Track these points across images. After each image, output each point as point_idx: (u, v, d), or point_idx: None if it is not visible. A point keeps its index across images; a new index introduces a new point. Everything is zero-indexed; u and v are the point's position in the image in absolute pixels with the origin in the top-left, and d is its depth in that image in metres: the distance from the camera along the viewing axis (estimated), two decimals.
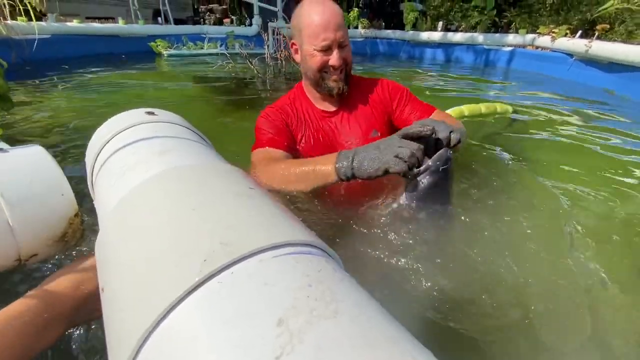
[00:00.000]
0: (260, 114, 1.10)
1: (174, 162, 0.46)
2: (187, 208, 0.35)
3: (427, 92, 3.18)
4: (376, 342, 0.22)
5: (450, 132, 0.74)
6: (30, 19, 4.27)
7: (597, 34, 3.79)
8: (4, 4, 3.99)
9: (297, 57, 1.06)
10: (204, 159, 0.49)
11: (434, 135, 0.73)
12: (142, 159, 0.49)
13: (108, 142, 0.58)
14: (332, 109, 1.10)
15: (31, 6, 4.26)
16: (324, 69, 0.99)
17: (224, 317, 0.23)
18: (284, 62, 4.27)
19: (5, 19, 4.11)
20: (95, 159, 0.58)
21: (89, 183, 0.61)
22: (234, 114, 2.34)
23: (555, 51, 4.25)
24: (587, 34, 5.30)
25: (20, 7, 4.15)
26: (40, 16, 5.00)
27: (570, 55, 3.95)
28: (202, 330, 0.23)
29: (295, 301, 0.24)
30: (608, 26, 3.84)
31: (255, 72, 3.89)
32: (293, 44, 1.05)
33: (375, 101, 1.13)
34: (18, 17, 4.31)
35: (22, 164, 0.63)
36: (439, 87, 3.51)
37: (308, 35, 0.95)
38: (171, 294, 0.25)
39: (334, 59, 0.96)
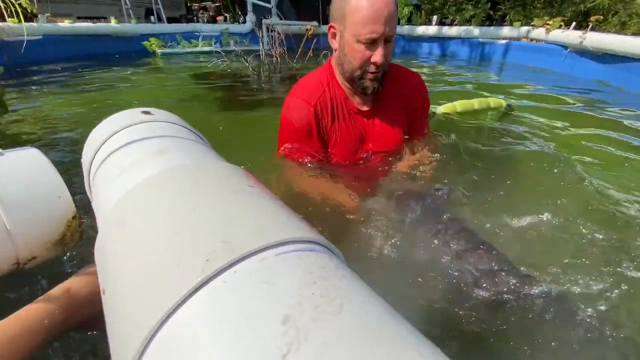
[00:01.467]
0: (287, 103, 1.00)
1: (171, 161, 0.46)
2: (187, 207, 0.34)
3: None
4: (382, 337, 0.22)
5: None
6: (21, 20, 4.21)
7: (590, 25, 3.79)
8: None
9: (334, 43, 0.94)
10: (203, 158, 0.49)
11: None
12: (140, 159, 0.48)
13: (104, 143, 0.58)
14: (366, 107, 1.02)
15: (21, 7, 4.21)
16: (364, 65, 0.88)
17: (228, 316, 0.23)
18: (279, 59, 4.24)
19: None
20: (92, 161, 0.57)
21: (85, 185, 0.60)
22: (230, 111, 2.33)
23: (550, 43, 4.25)
24: (581, 26, 5.31)
25: (12, 9, 4.10)
26: (31, 17, 4.94)
27: (565, 47, 3.96)
28: (207, 329, 0.23)
29: (300, 298, 0.24)
30: (602, 17, 3.84)
31: (251, 69, 3.87)
32: (332, 26, 0.92)
33: (409, 104, 1.06)
34: (9, 19, 4.25)
35: (18, 167, 0.62)
36: (434, 81, 3.51)
37: (354, 24, 0.82)
38: (175, 294, 0.25)
39: (378, 55, 0.85)
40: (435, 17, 5.85)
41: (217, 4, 8.62)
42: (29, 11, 4.59)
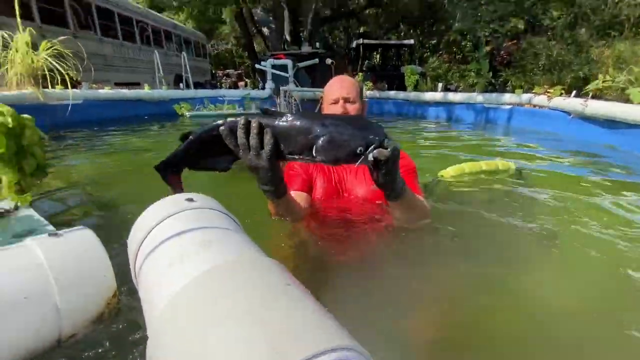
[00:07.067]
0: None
1: (218, 257, 0.52)
2: (236, 313, 0.39)
3: (431, 150, 3.31)
4: None
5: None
6: (66, 87, 4.73)
7: (591, 94, 3.99)
8: (45, 75, 4.46)
9: (322, 112, 1.30)
10: (245, 252, 0.55)
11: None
12: (187, 252, 0.54)
13: (150, 232, 0.64)
14: None
15: (69, 77, 4.75)
16: None
17: None
18: None
19: (44, 87, 4.54)
20: (138, 251, 0.63)
21: (132, 273, 0.66)
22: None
23: (552, 109, 4.44)
24: (581, 90, 5.56)
25: (58, 77, 4.64)
26: (75, 84, 5.54)
27: (568, 112, 4.12)
28: None
29: None
30: (601, 86, 4.04)
31: None
32: (321, 103, 1.32)
33: None
34: (57, 86, 4.77)
35: (74, 248, 0.69)
36: (441, 144, 3.65)
37: (326, 95, 1.24)
38: None
39: (339, 106, 1.19)
40: (440, 85, 6.26)
41: (238, 72, 9.52)
42: (75, 79, 5.15)
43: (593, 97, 3.94)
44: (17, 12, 4.44)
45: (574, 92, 4.34)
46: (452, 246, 1.20)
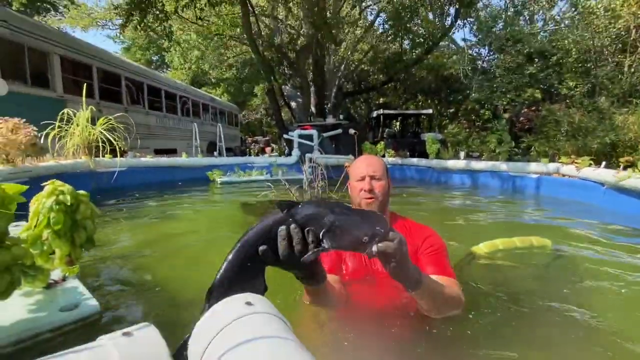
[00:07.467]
0: None
1: None
2: None
3: (460, 221, 3.25)
4: None
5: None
6: (114, 156, 5.23)
7: (622, 165, 3.91)
8: (98, 145, 4.99)
9: (350, 192, 1.37)
10: None
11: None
12: None
13: (212, 341, 0.68)
14: None
15: (119, 147, 5.29)
16: (360, 194, 1.26)
17: None
18: (320, 191, 4.70)
19: (95, 155, 5.04)
20: (202, 357, 0.67)
21: None
22: None
23: (582, 179, 4.34)
24: (610, 157, 5.42)
25: (108, 147, 5.17)
26: (122, 153, 6.13)
27: (601, 183, 4.00)
28: None
29: None
30: (631, 158, 3.98)
31: (295, 199, 4.29)
32: (349, 183, 1.39)
33: (412, 246, 1.23)
34: (105, 155, 5.28)
35: (144, 348, 0.73)
36: (469, 212, 3.58)
37: (352, 173, 1.32)
38: None
39: (365, 183, 1.24)
40: (462, 153, 6.39)
41: (266, 138, 10.22)
42: (122, 149, 5.70)
43: (625, 169, 3.86)
44: (84, 94, 5.18)
45: (603, 163, 4.28)
46: (487, 332, 1.17)
